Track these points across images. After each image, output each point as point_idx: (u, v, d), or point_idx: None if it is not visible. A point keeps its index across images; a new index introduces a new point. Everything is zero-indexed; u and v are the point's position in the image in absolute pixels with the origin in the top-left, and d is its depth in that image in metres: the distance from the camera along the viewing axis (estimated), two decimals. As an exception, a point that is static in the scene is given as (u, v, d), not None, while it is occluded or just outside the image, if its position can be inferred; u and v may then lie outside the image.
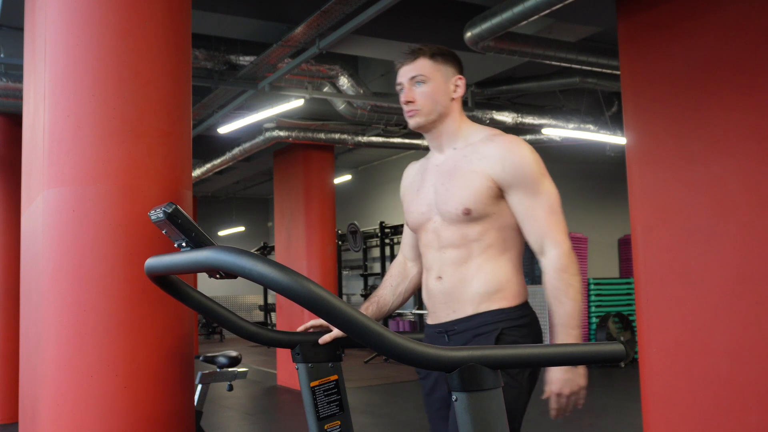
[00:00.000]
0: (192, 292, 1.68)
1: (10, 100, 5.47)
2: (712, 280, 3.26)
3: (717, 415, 3.21)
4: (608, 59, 5.33)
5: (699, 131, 3.36)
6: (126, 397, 2.33)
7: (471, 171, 1.83)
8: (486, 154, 1.83)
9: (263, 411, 7.18)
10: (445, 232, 1.86)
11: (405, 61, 1.93)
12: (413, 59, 1.91)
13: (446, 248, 1.85)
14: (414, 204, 1.98)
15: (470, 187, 1.81)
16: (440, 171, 1.91)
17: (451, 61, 1.95)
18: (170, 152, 2.55)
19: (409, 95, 1.90)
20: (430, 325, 1.91)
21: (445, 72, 1.93)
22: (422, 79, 1.90)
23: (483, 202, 1.80)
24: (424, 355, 1.21)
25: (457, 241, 1.83)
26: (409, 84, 1.91)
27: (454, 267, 1.83)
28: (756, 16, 3.15)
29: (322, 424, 1.86)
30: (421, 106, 1.89)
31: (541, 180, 1.83)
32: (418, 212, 1.95)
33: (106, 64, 2.46)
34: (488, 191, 1.80)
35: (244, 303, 16.41)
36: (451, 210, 1.83)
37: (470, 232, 1.82)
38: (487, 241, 1.82)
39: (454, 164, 1.88)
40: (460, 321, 1.81)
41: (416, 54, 1.92)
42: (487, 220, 1.82)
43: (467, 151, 1.87)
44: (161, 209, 1.36)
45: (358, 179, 12.80)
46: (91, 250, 2.36)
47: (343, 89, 6.06)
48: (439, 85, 1.91)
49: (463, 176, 1.83)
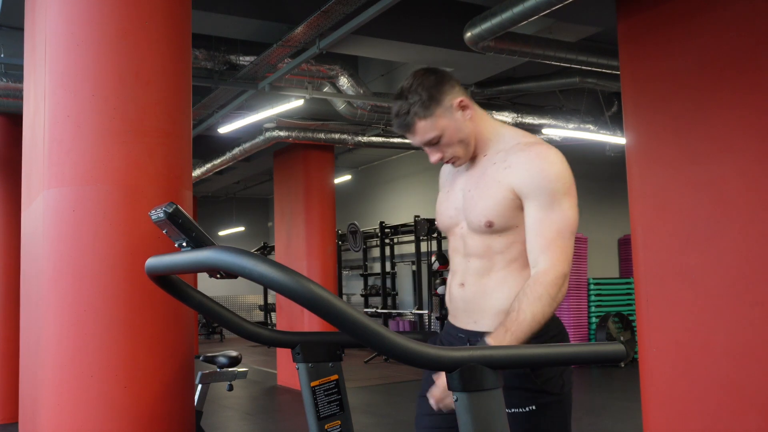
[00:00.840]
0: (192, 292, 1.68)
1: (10, 100, 5.47)
2: (712, 280, 3.26)
3: (717, 415, 3.21)
4: (608, 59, 5.33)
5: (699, 131, 3.36)
6: (126, 397, 2.33)
7: (496, 181, 1.74)
8: (513, 163, 1.73)
9: (263, 411, 7.18)
10: (470, 240, 1.80)
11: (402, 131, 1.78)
12: (410, 127, 1.76)
13: (471, 257, 1.80)
14: (443, 206, 1.92)
15: (493, 198, 1.73)
16: (470, 176, 1.84)
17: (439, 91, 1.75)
18: (170, 152, 2.55)
19: (437, 156, 1.80)
20: (453, 326, 1.87)
21: (445, 110, 1.75)
22: (434, 139, 1.77)
23: (505, 216, 1.72)
24: (424, 355, 1.21)
25: (482, 251, 1.77)
26: (429, 148, 1.80)
27: (477, 277, 1.78)
28: (756, 15, 3.15)
29: (322, 424, 1.86)
30: (453, 154, 1.79)
31: (560, 198, 1.68)
32: (447, 215, 1.90)
33: (106, 64, 2.46)
34: (510, 203, 1.71)
35: (244, 303, 16.42)
36: (474, 220, 1.77)
37: (495, 243, 1.75)
38: (512, 254, 1.74)
39: (483, 171, 1.80)
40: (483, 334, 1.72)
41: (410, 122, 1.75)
42: (512, 232, 1.73)
43: (497, 158, 1.78)
44: (161, 209, 1.36)
45: (358, 179, 12.81)
46: (91, 250, 2.36)
47: (343, 89, 6.06)
48: (451, 127, 1.76)
49: (488, 186, 1.75)
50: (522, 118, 7.10)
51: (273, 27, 5.00)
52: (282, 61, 5.21)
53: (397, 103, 1.77)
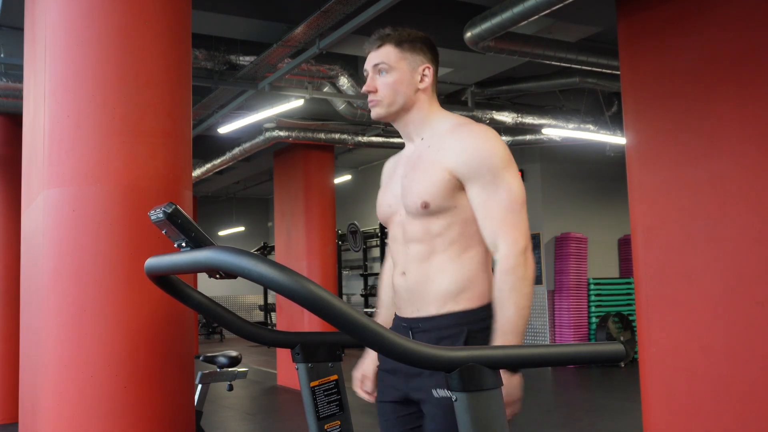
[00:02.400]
0: (192, 292, 1.68)
1: (10, 100, 5.47)
2: (712, 280, 3.26)
3: (717, 415, 3.21)
4: (608, 59, 5.33)
5: (699, 131, 3.36)
6: (126, 397, 2.33)
7: (432, 162, 1.73)
8: (448, 144, 1.73)
9: (263, 411, 7.18)
10: (409, 226, 1.78)
11: (370, 47, 1.82)
12: (378, 46, 1.80)
13: (410, 243, 1.77)
14: (383, 197, 1.91)
15: (429, 179, 1.72)
16: (408, 162, 1.83)
17: (420, 48, 1.82)
18: (170, 152, 2.55)
19: (371, 85, 1.81)
20: (398, 317, 1.85)
21: (412, 61, 1.80)
22: (385, 68, 1.79)
23: (441, 196, 1.70)
24: (423, 355, 1.21)
25: (421, 235, 1.75)
26: (373, 72, 1.81)
27: (418, 263, 1.76)
28: (756, 15, 3.15)
29: (322, 424, 1.86)
30: (382, 97, 1.80)
31: (501, 173, 1.68)
32: (386, 204, 1.88)
33: (106, 64, 2.46)
34: (446, 184, 1.70)
35: (244, 303, 16.42)
36: (410, 203, 1.76)
37: (433, 227, 1.73)
38: (450, 237, 1.73)
39: (419, 155, 1.80)
40: (425, 320, 1.74)
41: (383, 40, 1.81)
42: (449, 214, 1.72)
43: (433, 141, 1.78)
44: (161, 209, 1.36)
45: (358, 179, 12.80)
46: (91, 250, 2.36)
47: (343, 89, 6.06)
48: (403, 75, 1.80)
49: (424, 168, 1.75)
50: (522, 118, 7.10)
51: (273, 27, 5.00)
52: (282, 61, 5.21)
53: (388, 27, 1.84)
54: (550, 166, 9.52)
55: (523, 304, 1.63)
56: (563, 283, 9.31)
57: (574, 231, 9.50)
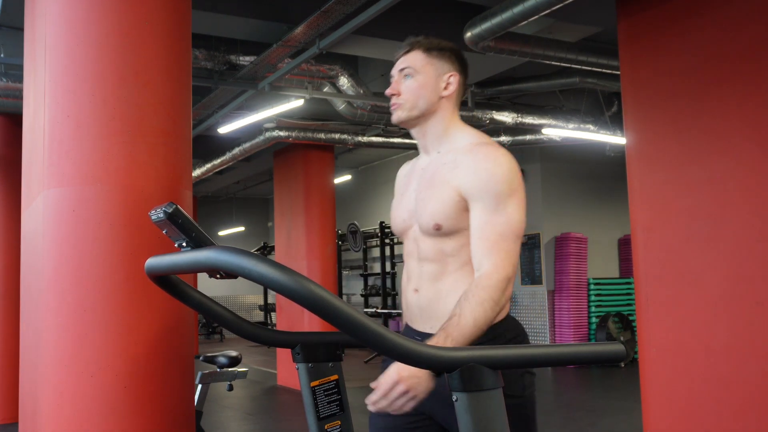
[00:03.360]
0: (192, 292, 1.68)
1: (10, 100, 5.47)
2: (712, 280, 3.26)
3: (717, 415, 3.21)
4: (608, 59, 5.33)
5: (699, 131, 3.36)
6: (126, 397, 2.33)
7: (444, 182, 1.73)
8: (461, 163, 1.72)
9: (263, 411, 7.18)
10: (422, 243, 1.78)
11: (400, 52, 1.85)
12: (407, 51, 1.83)
13: (424, 261, 1.78)
14: (397, 209, 1.91)
15: (441, 201, 1.71)
16: (423, 176, 1.83)
17: (449, 57, 1.83)
18: (170, 152, 2.55)
19: (395, 87, 1.82)
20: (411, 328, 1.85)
21: (439, 67, 1.81)
22: (410, 72, 1.81)
23: (452, 217, 1.70)
24: (424, 355, 1.21)
25: (434, 255, 1.75)
26: (398, 76, 1.83)
27: (431, 282, 1.76)
28: (756, 15, 3.15)
29: (322, 424, 1.86)
30: (404, 100, 1.80)
31: (505, 200, 1.66)
32: (400, 219, 1.88)
33: (106, 64, 2.46)
34: (457, 205, 1.69)
35: (244, 303, 16.42)
36: (423, 224, 1.76)
37: (446, 247, 1.73)
38: (463, 258, 1.72)
39: (434, 171, 1.79)
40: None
41: (412, 45, 1.83)
42: (462, 235, 1.71)
43: (448, 158, 1.77)
44: (161, 209, 1.36)
45: (358, 179, 12.80)
46: (91, 250, 2.36)
47: (343, 89, 6.06)
48: (427, 80, 1.80)
49: (437, 188, 1.74)
50: (522, 118, 7.10)
51: (273, 27, 5.00)
52: (282, 61, 5.21)
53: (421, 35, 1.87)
54: (550, 166, 9.51)
55: (480, 323, 1.57)
56: (563, 283, 9.31)
57: (574, 231, 9.50)
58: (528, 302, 9.63)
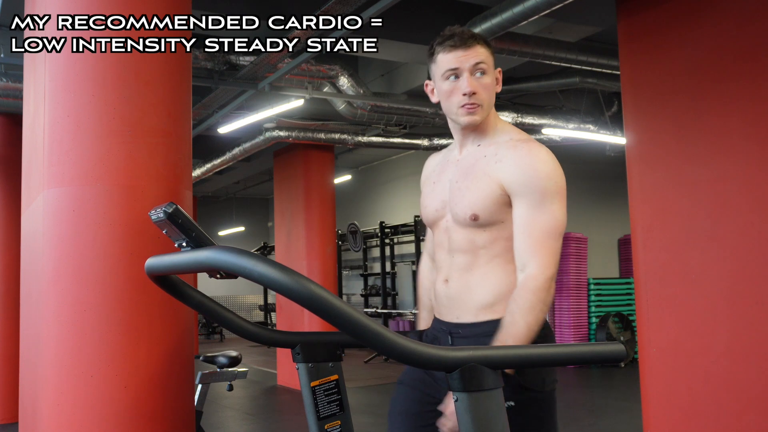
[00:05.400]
0: (192, 292, 1.68)
1: (10, 100, 5.47)
2: (712, 280, 3.26)
3: (717, 415, 3.21)
4: (608, 59, 5.33)
5: (699, 131, 3.36)
6: (126, 397, 2.33)
7: (485, 174, 1.70)
8: (504, 157, 1.70)
9: (263, 411, 7.18)
10: (455, 234, 1.77)
11: (460, 45, 1.70)
12: (473, 44, 1.70)
13: (455, 252, 1.77)
14: (429, 198, 1.89)
15: (481, 191, 1.70)
16: (459, 167, 1.80)
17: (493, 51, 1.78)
18: (170, 152, 2.55)
19: (474, 85, 1.70)
20: (438, 320, 1.86)
21: (494, 62, 1.75)
22: (484, 68, 1.71)
23: (491, 210, 1.69)
24: (424, 355, 1.21)
25: (466, 245, 1.75)
26: (470, 72, 1.70)
27: (461, 273, 1.76)
28: (756, 15, 3.15)
29: (322, 424, 1.86)
30: (483, 100, 1.72)
31: (550, 198, 1.66)
32: (432, 208, 1.86)
33: (106, 64, 2.45)
34: (498, 198, 1.68)
35: (244, 303, 16.41)
36: (459, 213, 1.75)
37: (478, 238, 1.73)
38: (495, 250, 1.72)
39: (473, 162, 1.76)
40: (464, 326, 1.76)
41: (474, 39, 1.71)
42: (496, 228, 1.71)
43: (489, 151, 1.74)
44: (161, 209, 1.36)
45: (358, 179, 12.80)
46: (91, 250, 2.36)
47: (343, 89, 6.06)
48: (494, 78, 1.74)
49: (477, 178, 1.72)
50: (522, 118, 7.10)
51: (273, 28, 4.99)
52: (282, 61, 5.21)
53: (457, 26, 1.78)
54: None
55: (533, 327, 1.60)
56: (563, 283, 9.31)
57: (574, 231, 9.51)
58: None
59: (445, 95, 1.76)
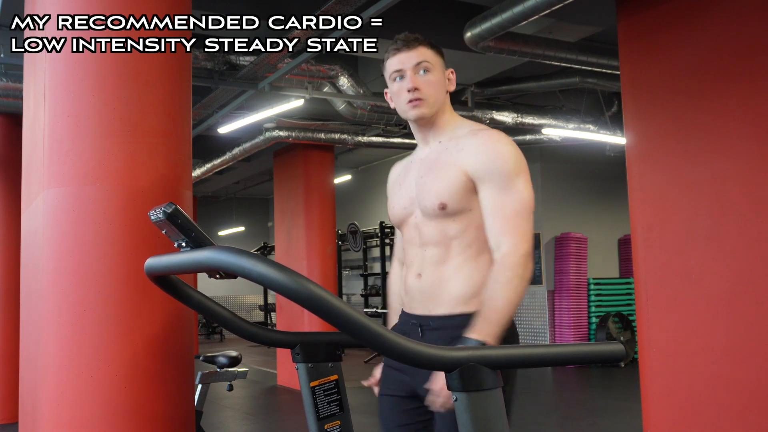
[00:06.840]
0: (192, 292, 1.68)
1: (10, 100, 5.47)
2: (712, 280, 3.26)
3: (717, 415, 3.21)
4: (608, 59, 5.33)
5: (699, 131, 3.36)
6: (126, 397, 2.33)
7: (449, 164, 1.77)
8: (465, 146, 1.77)
9: (263, 411, 7.18)
10: (425, 228, 1.80)
11: (403, 47, 1.84)
12: (415, 46, 1.83)
13: (427, 245, 1.79)
14: (395, 198, 1.94)
15: (446, 180, 1.75)
16: (423, 164, 1.86)
17: (443, 54, 1.89)
18: (170, 152, 2.55)
19: (416, 82, 1.81)
20: (407, 313, 1.87)
21: (442, 63, 1.85)
22: (428, 66, 1.81)
23: (457, 197, 1.73)
24: (424, 355, 1.21)
25: (437, 237, 1.77)
26: (413, 71, 1.82)
27: (434, 266, 1.78)
28: (756, 15, 3.15)
29: (322, 424, 1.86)
30: (427, 96, 1.81)
31: (514, 178, 1.72)
32: (400, 206, 1.90)
33: (106, 64, 2.45)
34: (463, 185, 1.73)
35: (244, 303, 16.41)
36: (428, 204, 1.78)
37: (449, 229, 1.76)
38: (467, 240, 1.75)
39: (436, 157, 1.82)
40: (435, 318, 1.76)
41: (417, 41, 1.83)
42: (465, 216, 1.75)
43: (450, 144, 1.81)
44: (161, 209, 1.36)
45: (358, 179, 12.80)
46: (91, 250, 2.36)
47: (343, 89, 6.06)
48: (440, 76, 1.84)
49: (442, 169, 1.78)
50: (522, 118, 7.10)
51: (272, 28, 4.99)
52: (282, 61, 5.21)
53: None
54: (550, 166, 9.51)
55: (513, 301, 1.64)
56: (563, 283, 9.31)
57: (574, 231, 9.50)
58: (528, 302, 9.63)
59: (395, 96, 1.89)
